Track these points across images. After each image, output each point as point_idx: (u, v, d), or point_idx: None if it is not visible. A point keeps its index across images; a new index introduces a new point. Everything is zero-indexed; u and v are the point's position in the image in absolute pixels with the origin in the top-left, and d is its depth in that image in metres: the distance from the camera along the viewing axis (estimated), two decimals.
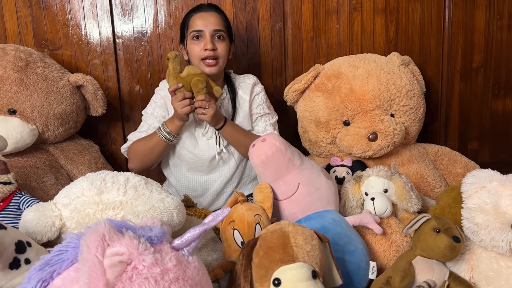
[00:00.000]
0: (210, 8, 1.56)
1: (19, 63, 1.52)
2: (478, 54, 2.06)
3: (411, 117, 1.70)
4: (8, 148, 1.45)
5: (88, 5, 1.80)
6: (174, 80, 1.41)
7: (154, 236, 0.73)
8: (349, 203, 1.30)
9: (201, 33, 1.50)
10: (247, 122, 1.62)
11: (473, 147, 2.16)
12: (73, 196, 1.01)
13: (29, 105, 1.51)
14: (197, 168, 1.61)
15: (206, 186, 1.63)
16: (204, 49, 1.49)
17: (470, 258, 1.06)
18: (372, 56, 1.77)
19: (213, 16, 1.53)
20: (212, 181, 1.62)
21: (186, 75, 1.41)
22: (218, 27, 1.52)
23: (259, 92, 1.66)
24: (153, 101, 1.62)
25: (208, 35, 1.50)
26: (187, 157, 1.59)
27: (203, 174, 1.62)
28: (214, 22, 1.51)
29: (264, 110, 1.65)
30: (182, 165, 1.63)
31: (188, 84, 1.41)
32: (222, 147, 1.57)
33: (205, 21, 1.51)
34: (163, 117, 1.58)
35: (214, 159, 1.58)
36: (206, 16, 1.52)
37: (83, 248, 0.65)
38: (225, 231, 1.09)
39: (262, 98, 1.66)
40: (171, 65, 1.40)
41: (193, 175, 1.63)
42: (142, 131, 1.59)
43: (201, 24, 1.51)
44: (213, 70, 1.51)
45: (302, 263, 0.84)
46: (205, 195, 1.64)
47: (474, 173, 1.08)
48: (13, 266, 0.87)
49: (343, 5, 1.93)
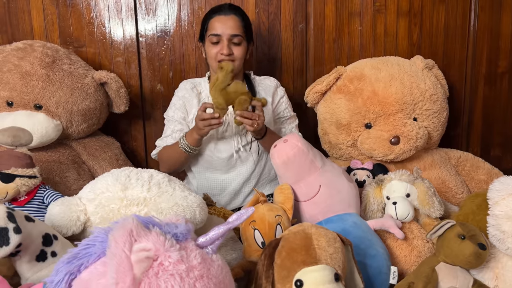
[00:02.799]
0: (230, 10, 1.56)
1: (46, 59, 1.55)
2: (504, 59, 2.02)
3: (434, 121, 1.68)
4: (33, 143, 1.48)
5: (113, 4, 1.83)
6: (219, 92, 1.36)
7: (179, 233, 0.74)
8: (370, 206, 1.29)
9: (219, 38, 1.52)
10: (268, 124, 1.62)
11: (496, 154, 2.12)
12: (98, 191, 1.02)
13: (54, 101, 1.54)
14: (215, 166, 1.62)
15: (224, 185, 1.64)
16: (220, 53, 1.52)
17: (495, 266, 1.04)
18: (396, 59, 1.75)
19: (232, 20, 1.53)
20: (230, 180, 1.63)
21: (234, 91, 1.37)
22: (236, 31, 1.53)
23: (283, 96, 1.69)
24: (172, 104, 1.65)
25: (225, 39, 1.52)
26: (205, 155, 1.60)
27: (222, 173, 1.63)
28: (232, 26, 1.53)
29: (290, 113, 1.70)
30: (201, 163, 1.64)
31: (232, 100, 1.37)
32: (240, 145, 1.59)
33: (223, 25, 1.52)
34: (183, 119, 1.61)
35: (232, 157, 1.59)
36: (225, 20, 1.53)
37: (111, 243, 0.65)
38: (245, 231, 1.09)
39: (286, 101, 1.70)
40: (222, 77, 1.35)
41: (212, 174, 1.64)
42: (167, 136, 1.63)
43: (219, 28, 1.52)
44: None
45: (324, 266, 0.84)
46: (222, 194, 1.65)
47: (501, 180, 1.06)
48: (40, 259, 0.89)
49: (367, 7, 1.92)
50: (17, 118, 1.48)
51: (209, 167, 1.63)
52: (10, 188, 1.20)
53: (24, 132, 1.46)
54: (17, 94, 1.50)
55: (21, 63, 1.52)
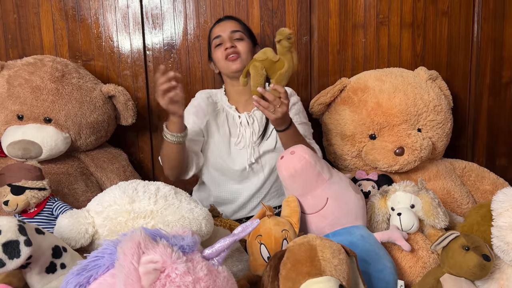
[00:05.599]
0: (228, 18, 1.67)
1: (56, 73, 1.59)
2: (507, 69, 2.03)
3: (438, 132, 1.68)
4: (43, 155, 1.51)
5: (121, 18, 1.86)
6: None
7: (186, 245, 0.75)
8: (375, 217, 1.29)
9: (221, 39, 1.59)
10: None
11: (501, 164, 2.11)
12: (106, 204, 1.04)
13: (63, 114, 1.57)
14: (228, 176, 1.63)
15: (236, 196, 1.64)
16: (224, 49, 1.57)
17: (500, 278, 1.04)
18: (399, 70, 1.77)
19: (230, 23, 1.64)
20: (242, 190, 1.63)
21: (264, 58, 1.28)
22: (235, 28, 1.61)
23: (296, 102, 1.68)
24: (185, 111, 1.63)
25: (226, 37, 1.59)
26: (219, 165, 1.61)
27: (234, 183, 1.64)
28: (231, 26, 1.61)
29: (301, 119, 1.65)
30: (215, 172, 1.64)
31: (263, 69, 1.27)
32: (253, 159, 1.59)
33: (222, 27, 1.62)
34: (194, 122, 1.61)
35: (244, 170, 1.60)
36: (223, 24, 1.63)
37: (119, 255, 0.67)
38: (251, 245, 1.10)
39: (299, 108, 1.68)
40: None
41: (226, 183, 1.64)
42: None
43: (219, 31, 1.61)
44: (237, 64, 1.56)
45: (329, 277, 0.85)
46: (232, 204, 1.65)
47: (504, 191, 1.06)
48: (50, 270, 0.91)
49: (370, 19, 1.94)
50: (27, 131, 1.50)
51: (223, 175, 1.64)
52: (21, 200, 1.22)
53: (34, 145, 1.48)
54: (27, 108, 1.53)
55: (31, 78, 1.56)
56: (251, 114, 1.64)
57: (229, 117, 1.65)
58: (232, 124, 1.64)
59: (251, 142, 1.60)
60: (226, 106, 1.66)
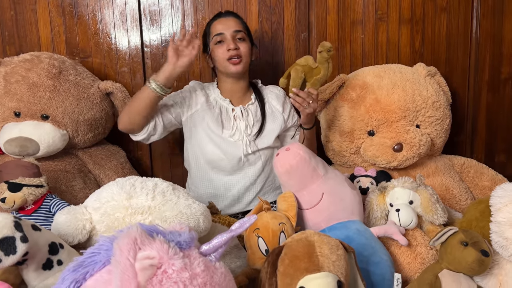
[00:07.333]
0: (228, 14, 1.65)
1: (53, 70, 1.58)
2: (506, 65, 2.02)
3: (437, 128, 1.68)
4: (40, 152, 1.50)
5: (118, 15, 1.86)
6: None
7: (183, 241, 0.75)
8: (374, 214, 1.29)
9: (223, 36, 1.58)
10: (279, 130, 1.67)
11: (500, 160, 2.11)
12: (104, 200, 1.03)
13: (61, 111, 1.56)
14: (219, 168, 1.63)
15: (227, 188, 1.64)
16: (227, 50, 1.56)
17: (499, 273, 1.04)
18: (398, 66, 1.76)
19: (232, 20, 1.62)
20: (234, 182, 1.64)
21: (305, 64, 1.48)
22: (238, 28, 1.60)
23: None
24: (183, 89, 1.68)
25: (229, 36, 1.58)
26: (211, 155, 1.61)
27: (226, 174, 1.64)
28: (234, 25, 1.60)
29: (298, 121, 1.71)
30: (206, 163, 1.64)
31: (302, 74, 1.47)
32: (250, 150, 1.60)
33: (224, 25, 1.60)
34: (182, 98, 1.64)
35: (240, 160, 1.61)
36: (225, 21, 1.61)
37: (115, 251, 0.67)
38: (249, 239, 1.10)
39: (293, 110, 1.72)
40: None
41: (216, 175, 1.64)
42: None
43: (222, 28, 1.59)
44: (238, 68, 1.58)
45: (327, 273, 0.84)
46: (225, 196, 1.65)
47: (503, 186, 1.06)
48: (46, 267, 0.90)
49: (369, 15, 1.93)
50: (24, 128, 1.50)
51: (215, 167, 1.64)
52: (18, 197, 1.22)
53: (31, 142, 1.48)
54: (24, 105, 1.53)
55: (28, 74, 1.55)
56: (245, 108, 1.66)
57: (222, 110, 1.66)
58: (225, 117, 1.65)
59: (246, 135, 1.61)
60: (219, 99, 1.66)
